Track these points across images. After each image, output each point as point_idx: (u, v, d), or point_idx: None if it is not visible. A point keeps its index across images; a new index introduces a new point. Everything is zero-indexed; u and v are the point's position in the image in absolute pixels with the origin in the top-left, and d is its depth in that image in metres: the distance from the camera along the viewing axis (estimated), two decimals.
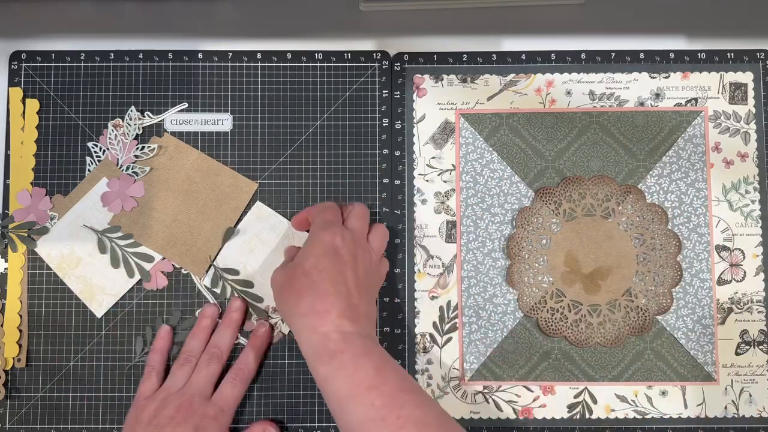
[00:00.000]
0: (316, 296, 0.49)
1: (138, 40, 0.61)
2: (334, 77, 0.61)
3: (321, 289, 0.49)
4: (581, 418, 0.58)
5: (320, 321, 0.48)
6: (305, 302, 0.48)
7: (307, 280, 0.49)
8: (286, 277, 0.51)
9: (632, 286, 0.58)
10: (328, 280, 0.49)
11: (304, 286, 0.49)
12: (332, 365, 0.46)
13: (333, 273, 0.50)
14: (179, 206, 0.59)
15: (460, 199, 0.60)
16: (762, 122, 0.60)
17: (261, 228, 0.59)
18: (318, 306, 0.48)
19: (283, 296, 0.51)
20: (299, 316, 0.49)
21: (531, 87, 0.61)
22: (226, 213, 0.59)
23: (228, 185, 0.59)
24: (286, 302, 0.50)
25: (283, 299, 0.51)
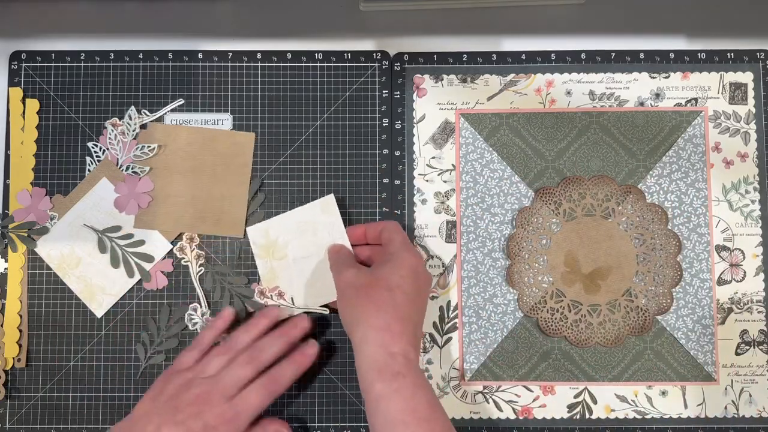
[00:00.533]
0: (395, 316, 0.49)
1: (138, 40, 0.61)
2: (334, 77, 0.61)
3: (401, 311, 0.49)
4: (581, 418, 0.58)
5: (393, 340, 0.48)
6: (383, 318, 0.48)
7: (389, 296, 0.49)
8: (364, 285, 0.50)
9: (632, 286, 0.58)
10: (409, 304, 0.50)
11: (386, 301, 0.49)
12: (391, 386, 0.46)
13: (414, 298, 0.50)
14: (191, 183, 0.59)
15: (460, 199, 0.60)
16: (762, 122, 0.60)
17: (321, 220, 0.57)
18: (395, 326, 0.48)
19: (357, 302, 0.50)
20: (372, 328, 0.48)
21: (531, 87, 0.61)
22: (237, 170, 0.59)
23: (227, 145, 0.59)
24: (360, 310, 0.49)
25: (355, 305, 0.50)
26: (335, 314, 0.58)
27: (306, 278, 0.57)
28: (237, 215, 0.59)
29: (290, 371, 0.53)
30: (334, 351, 0.58)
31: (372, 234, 0.56)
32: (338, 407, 0.58)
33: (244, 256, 0.59)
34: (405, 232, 0.55)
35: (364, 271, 0.52)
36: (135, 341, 0.58)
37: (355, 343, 0.49)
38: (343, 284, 0.52)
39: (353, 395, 0.58)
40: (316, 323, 0.57)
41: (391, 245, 0.53)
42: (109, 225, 0.59)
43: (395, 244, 0.53)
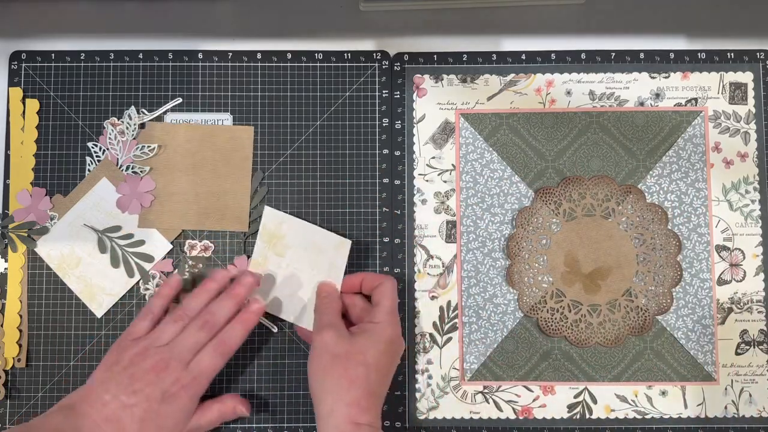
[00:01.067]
0: (366, 393, 0.49)
1: (138, 40, 0.61)
2: (334, 77, 0.61)
3: (373, 388, 0.50)
4: (581, 418, 0.58)
5: (360, 414, 0.49)
6: (354, 394, 0.49)
7: (364, 372, 0.50)
8: (342, 355, 0.50)
9: (632, 286, 0.58)
10: (380, 381, 0.51)
11: (360, 377, 0.50)
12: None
13: (386, 375, 0.52)
14: (193, 180, 0.59)
15: (460, 199, 0.60)
16: (762, 122, 0.60)
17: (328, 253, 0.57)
18: (363, 402, 0.49)
19: (331, 372, 0.50)
20: (343, 403, 0.49)
21: (531, 87, 0.61)
22: (238, 164, 0.59)
23: (226, 140, 0.59)
24: (332, 381, 0.50)
25: (328, 375, 0.50)
26: None
27: (287, 288, 0.56)
28: (241, 210, 0.59)
29: (239, 331, 0.53)
30: None
31: (367, 286, 0.56)
32: None
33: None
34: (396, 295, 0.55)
35: (343, 336, 0.52)
36: None
37: (321, 412, 0.50)
38: (320, 344, 0.51)
39: None
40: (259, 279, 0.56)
41: (378, 311, 0.53)
42: (109, 225, 0.59)
43: (381, 312, 0.53)
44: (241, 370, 0.58)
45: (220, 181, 0.59)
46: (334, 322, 0.53)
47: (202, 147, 0.59)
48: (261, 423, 0.58)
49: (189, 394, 0.50)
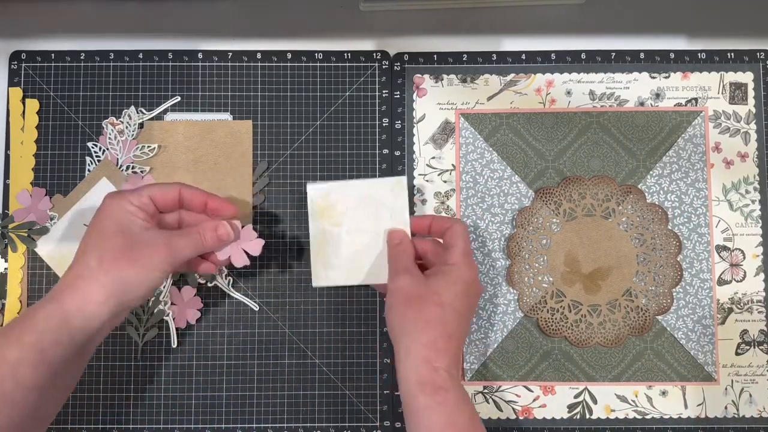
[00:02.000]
0: (443, 334, 0.48)
1: (138, 40, 0.61)
2: (334, 77, 0.61)
3: (450, 329, 0.49)
4: (581, 418, 0.58)
5: (438, 357, 0.48)
6: (431, 334, 0.48)
7: (440, 312, 0.49)
8: (417, 296, 0.50)
9: (632, 286, 0.58)
10: (457, 323, 0.49)
11: (436, 318, 0.49)
12: (435, 399, 0.47)
13: (464, 316, 0.50)
14: (194, 177, 0.59)
15: (460, 199, 0.60)
16: (762, 122, 0.60)
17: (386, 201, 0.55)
18: (440, 344, 0.48)
19: (407, 313, 0.49)
20: (419, 343, 0.48)
21: (531, 87, 0.61)
22: (238, 159, 0.59)
23: (226, 135, 0.60)
24: (409, 322, 0.49)
25: (405, 316, 0.49)
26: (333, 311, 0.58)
27: (354, 253, 0.55)
28: (243, 204, 0.59)
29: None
30: (334, 351, 0.58)
31: (437, 229, 0.54)
32: (338, 407, 0.58)
33: None
34: (469, 237, 0.53)
35: (419, 279, 0.51)
36: (126, 324, 0.58)
37: (399, 353, 0.49)
38: (396, 289, 0.51)
39: (353, 395, 0.58)
40: None
41: (452, 253, 0.52)
42: None
43: (456, 253, 0.51)
44: (241, 370, 0.58)
45: (222, 176, 0.59)
46: (408, 267, 0.52)
47: (202, 143, 0.59)
48: (261, 423, 0.58)
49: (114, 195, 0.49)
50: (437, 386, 0.47)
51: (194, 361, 0.58)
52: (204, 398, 0.58)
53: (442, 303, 0.49)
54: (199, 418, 0.58)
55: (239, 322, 0.58)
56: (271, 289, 0.59)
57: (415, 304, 0.49)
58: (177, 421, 0.58)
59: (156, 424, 0.58)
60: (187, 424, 0.58)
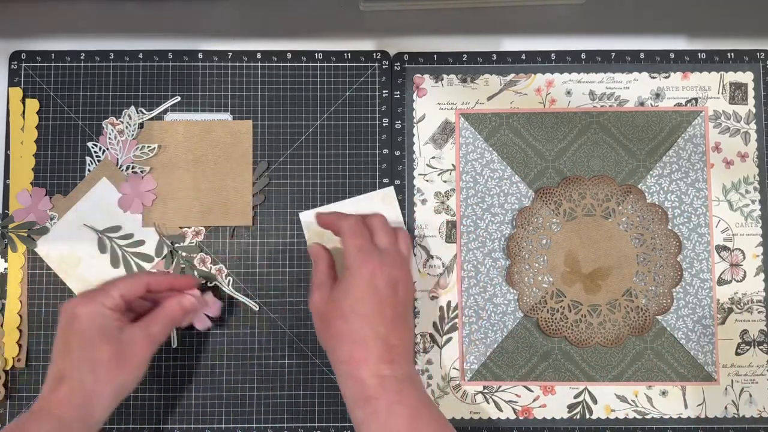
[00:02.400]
0: (354, 344, 0.48)
1: (138, 40, 0.61)
2: (334, 77, 0.61)
3: (359, 336, 0.48)
4: (581, 418, 0.58)
5: (358, 368, 0.47)
6: (344, 350, 0.48)
7: (344, 324, 0.48)
8: (323, 314, 0.50)
9: (632, 286, 0.58)
10: (366, 325, 0.48)
11: (342, 331, 0.48)
12: (366, 411, 0.46)
13: (371, 316, 0.48)
14: (195, 177, 0.59)
15: (460, 199, 0.60)
16: (762, 122, 0.60)
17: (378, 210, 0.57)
18: (356, 354, 0.47)
19: (321, 334, 0.51)
20: (338, 362, 0.48)
21: (531, 87, 0.61)
22: (238, 159, 0.59)
23: (225, 135, 0.59)
24: (325, 342, 0.51)
25: (321, 337, 0.51)
26: None
27: None
28: (243, 204, 0.59)
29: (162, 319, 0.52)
30: None
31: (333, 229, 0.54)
32: (338, 407, 0.58)
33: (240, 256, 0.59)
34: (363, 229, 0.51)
35: (326, 293, 0.51)
36: None
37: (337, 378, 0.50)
38: (311, 308, 0.52)
39: None
40: None
41: (346, 256, 0.50)
42: (109, 225, 0.59)
43: (348, 256, 0.50)
44: (241, 370, 0.58)
45: (222, 177, 0.59)
46: (318, 283, 0.52)
47: (202, 143, 0.59)
48: (261, 423, 0.58)
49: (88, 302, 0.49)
50: (367, 397, 0.46)
51: (194, 361, 0.58)
52: (204, 398, 0.58)
53: (344, 313, 0.48)
54: (199, 418, 0.58)
55: (239, 322, 0.59)
56: (271, 289, 0.59)
57: (324, 322, 0.50)
58: (177, 421, 0.58)
59: (156, 424, 0.58)
60: (187, 424, 0.58)
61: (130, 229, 0.59)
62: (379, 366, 0.47)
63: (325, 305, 0.50)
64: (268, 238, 0.59)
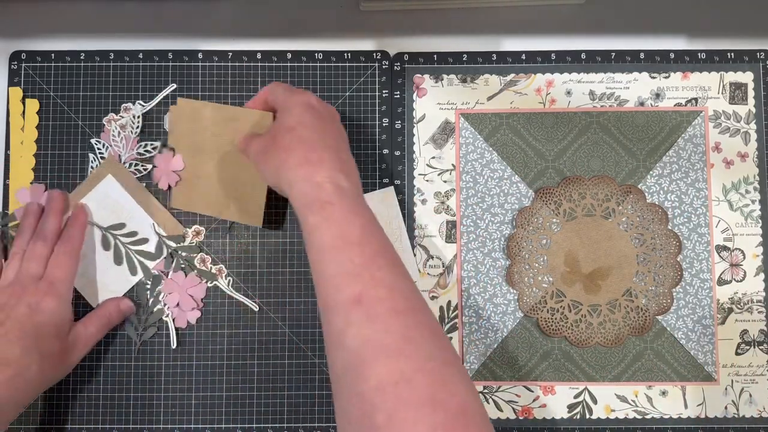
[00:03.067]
0: (307, 148, 0.48)
1: (138, 40, 0.61)
2: (334, 77, 0.61)
3: (310, 142, 0.48)
4: (581, 418, 0.58)
5: (314, 170, 0.46)
6: (296, 154, 0.47)
7: (293, 135, 0.48)
8: (267, 140, 0.50)
9: (632, 286, 0.58)
10: (315, 134, 0.49)
11: (293, 140, 0.48)
12: (321, 215, 0.45)
13: (317, 127, 0.49)
14: (218, 165, 0.58)
15: (460, 199, 0.60)
16: (762, 122, 0.60)
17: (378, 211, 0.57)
18: (310, 156, 0.47)
19: (267, 157, 0.50)
20: (291, 168, 0.47)
21: (531, 87, 0.61)
22: None
23: (248, 126, 0.56)
24: (273, 160, 0.49)
25: (267, 160, 0.50)
26: None
27: None
28: (258, 203, 0.57)
29: (76, 229, 0.56)
30: None
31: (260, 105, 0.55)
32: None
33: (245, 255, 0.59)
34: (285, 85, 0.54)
35: (264, 132, 0.52)
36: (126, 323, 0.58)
37: (285, 191, 0.48)
38: (254, 154, 0.52)
39: None
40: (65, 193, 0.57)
41: (278, 100, 0.52)
42: (113, 222, 0.59)
43: (280, 96, 0.52)
44: (241, 370, 0.58)
45: (240, 169, 0.57)
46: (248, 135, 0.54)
47: (226, 130, 0.57)
48: (261, 423, 0.58)
49: (54, 298, 0.52)
50: (323, 202, 0.45)
51: (194, 361, 0.58)
52: (204, 398, 0.58)
53: (291, 127, 0.49)
54: (199, 418, 0.58)
55: (239, 322, 0.59)
56: (271, 289, 0.59)
57: (270, 146, 0.50)
58: (177, 421, 0.58)
59: (156, 424, 0.58)
60: (187, 424, 0.58)
61: (134, 227, 0.59)
62: (335, 174, 0.47)
63: (266, 135, 0.51)
64: (268, 238, 0.59)
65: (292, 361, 0.58)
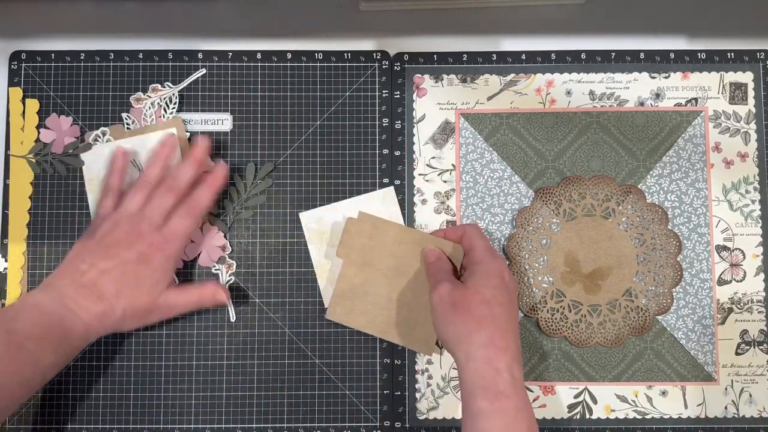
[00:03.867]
0: (497, 330, 0.48)
1: (138, 40, 0.61)
2: (334, 77, 0.61)
3: (501, 324, 0.48)
4: (581, 418, 0.58)
5: (498, 356, 0.47)
6: (486, 333, 0.48)
7: (487, 310, 0.48)
8: (460, 300, 0.49)
9: (632, 286, 0.58)
10: (507, 316, 0.49)
11: (485, 315, 0.48)
12: (495, 405, 0.46)
13: (509, 309, 0.50)
14: (390, 285, 0.55)
15: (460, 199, 0.60)
16: (762, 122, 0.60)
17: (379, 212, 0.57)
18: (498, 341, 0.47)
19: (456, 318, 0.49)
20: (477, 345, 0.47)
21: (531, 87, 0.61)
22: None
23: None
24: (460, 327, 0.49)
25: (454, 322, 0.49)
26: None
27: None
28: (428, 332, 0.55)
29: (206, 192, 0.55)
30: (334, 351, 0.58)
31: (452, 238, 0.55)
32: (338, 407, 0.58)
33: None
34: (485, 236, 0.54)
35: (457, 284, 0.51)
36: (222, 198, 0.58)
37: (459, 360, 0.49)
38: (439, 299, 0.51)
39: (353, 395, 0.58)
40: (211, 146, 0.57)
41: (475, 253, 0.52)
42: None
43: (479, 252, 0.52)
44: (241, 370, 0.58)
45: (416, 295, 0.55)
46: (446, 277, 0.52)
47: (409, 253, 0.55)
48: (261, 423, 0.58)
49: (164, 254, 0.52)
50: (499, 391, 0.46)
51: (194, 361, 0.58)
52: (204, 398, 0.58)
53: (486, 300, 0.49)
54: (199, 418, 0.58)
55: (239, 322, 0.59)
56: (271, 289, 0.59)
57: (461, 307, 0.49)
58: (177, 421, 0.58)
59: (156, 424, 0.58)
60: (187, 424, 0.58)
61: None
62: (514, 364, 0.47)
63: (461, 293, 0.50)
64: (268, 238, 0.59)
65: (292, 361, 0.58)
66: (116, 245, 0.51)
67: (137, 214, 0.53)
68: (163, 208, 0.53)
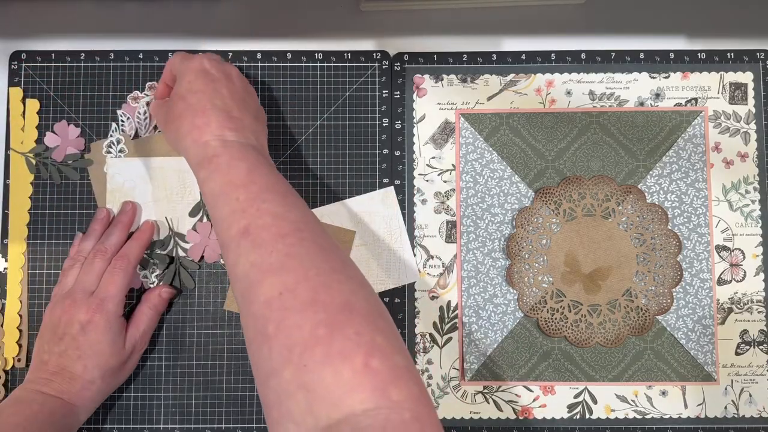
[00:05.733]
0: (195, 113, 0.50)
1: (138, 40, 0.61)
2: (334, 77, 0.61)
3: (198, 107, 0.50)
4: (581, 418, 0.58)
5: (201, 133, 0.49)
6: (186, 122, 0.50)
7: (184, 103, 0.50)
8: (166, 109, 0.53)
9: (632, 286, 0.58)
10: (204, 98, 0.50)
11: (183, 108, 0.50)
12: (209, 168, 0.47)
13: (207, 91, 0.51)
14: None
15: (460, 199, 0.60)
16: (762, 122, 0.60)
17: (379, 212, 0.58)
18: (197, 121, 0.49)
19: (167, 127, 0.52)
20: (183, 136, 0.50)
21: (531, 87, 0.61)
22: None
23: None
24: (171, 130, 0.51)
25: (168, 130, 0.52)
26: None
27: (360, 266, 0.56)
28: None
29: (136, 246, 0.56)
30: None
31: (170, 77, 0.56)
32: None
33: None
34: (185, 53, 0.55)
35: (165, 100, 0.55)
36: None
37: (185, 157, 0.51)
38: (159, 125, 0.55)
39: None
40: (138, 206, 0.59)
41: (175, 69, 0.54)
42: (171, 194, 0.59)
43: (176, 66, 0.54)
44: (241, 370, 0.58)
45: None
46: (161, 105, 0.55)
47: None
48: (261, 423, 0.58)
49: (103, 316, 0.52)
50: (210, 156, 0.48)
51: (194, 361, 0.58)
52: (204, 398, 0.58)
53: (182, 96, 0.51)
54: (199, 418, 0.58)
55: (239, 321, 0.58)
56: None
57: (169, 115, 0.52)
58: (177, 421, 0.58)
59: (156, 424, 0.58)
60: (187, 424, 0.58)
61: None
62: (222, 131, 0.49)
63: (165, 104, 0.54)
64: None
65: None
66: (61, 325, 0.52)
67: (72, 288, 0.54)
68: (93, 274, 0.54)
